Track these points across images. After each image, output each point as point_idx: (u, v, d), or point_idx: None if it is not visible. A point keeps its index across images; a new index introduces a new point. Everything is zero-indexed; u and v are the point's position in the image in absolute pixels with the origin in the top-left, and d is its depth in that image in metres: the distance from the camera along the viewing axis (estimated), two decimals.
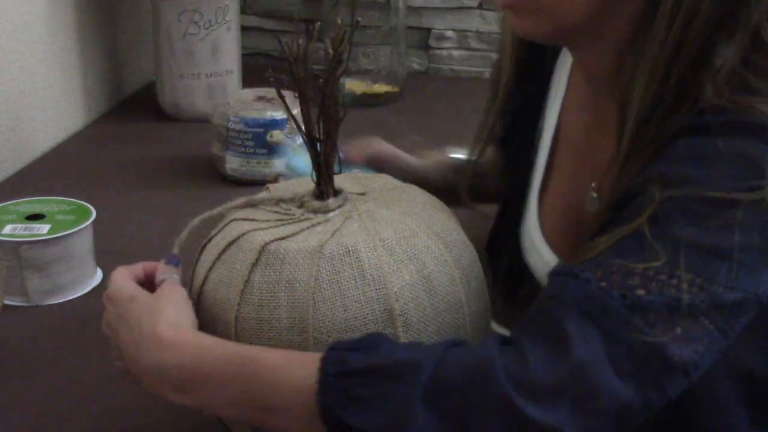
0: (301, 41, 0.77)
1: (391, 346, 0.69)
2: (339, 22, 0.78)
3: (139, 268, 0.84)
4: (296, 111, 0.83)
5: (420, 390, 0.63)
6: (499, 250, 0.94)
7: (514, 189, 0.93)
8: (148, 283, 0.83)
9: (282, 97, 0.82)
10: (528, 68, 0.90)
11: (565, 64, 0.90)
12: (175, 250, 0.84)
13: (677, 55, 0.70)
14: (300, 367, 0.68)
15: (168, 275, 0.81)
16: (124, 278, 0.81)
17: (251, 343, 0.76)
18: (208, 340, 0.74)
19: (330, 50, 0.78)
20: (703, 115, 0.69)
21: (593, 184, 0.84)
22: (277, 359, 0.70)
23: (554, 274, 0.69)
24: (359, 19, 0.78)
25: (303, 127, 0.80)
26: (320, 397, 0.65)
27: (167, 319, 0.75)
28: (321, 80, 0.78)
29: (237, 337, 0.77)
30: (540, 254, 0.88)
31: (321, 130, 0.80)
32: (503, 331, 0.96)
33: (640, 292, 0.64)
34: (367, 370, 0.66)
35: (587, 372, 0.62)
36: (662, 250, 0.65)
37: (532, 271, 0.89)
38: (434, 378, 0.64)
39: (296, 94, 0.80)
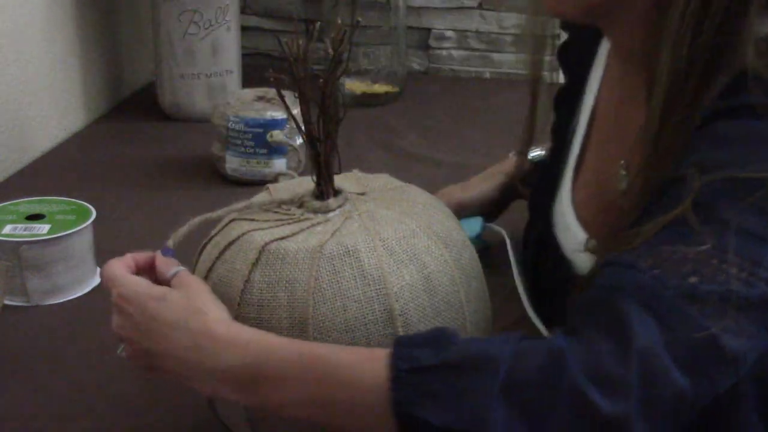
0: (301, 41, 0.77)
1: (458, 341, 0.67)
2: (339, 22, 0.78)
3: (130, 259, 0.81)
4: (296, 111, 0.83)
5: (497, 385, 0.62)
6: (532, 224, 0.96)
7: (552, 165, 0.95)
8: (144, 275, 0.80)
9: (282, 97, 0.82)
10: (572, 51, 0.94)
11: (606, 44, 0.91)
12: (171, 243, 0.83)
13: (703, 20, 0.69)
14: (370, 365, 0.66)
15: (177, 267, 0.79)
16: (130, 275, 0.79)
17: None
18: (271, 338, 0.72)
19: (330, 50, 0.78)
20: (740, 95, 0.68)
21: (622, 162, 0.84)
22: (345, 357, 0.69)
23: (608, 263, 0.69)
24: (359, 19, 0.78)
25: (303, 127, 0.80)
26: (394, 393, 0.64)
27: (216, 316, 0.73)
28: (321, 80, 0.78)
29: None
30: (570, 230, 0.89)
31: (321, 130, 0.80)
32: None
33: (693, 279, 0.64)
34: (440, 366, 0.64)
35: (650, 362, 0.62)
36: (709, 236, 0.65)
37: (560, 246, 0.90)
38: (510, 372, 0.63)
39: (296, 94, 0.80)
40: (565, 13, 0.81)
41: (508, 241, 1.09)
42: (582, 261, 0.85)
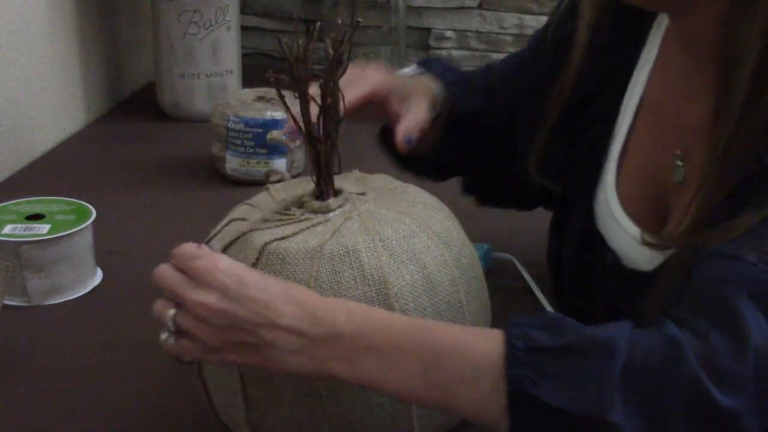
0: (301, 41, 0.77)
1: (573, 325, 0.66)
2: (339, 22, 0.78)
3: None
4: (296, 111, 0.83)
5: (618, 371, 0.62)
6: (570, 217, 0.94)
7: (591, 155, 0.92)
8: None
9: (282, 98, 0.82)
10: (617, 37, 0.90)
11: (658, 31, 0.89)
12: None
13: None
14: (484, 341, 0.65)
15: None
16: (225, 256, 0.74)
17: None
18: (376, 310, 0.70)
19: (330, 50, 0.78)
20: None
21: (678, 152, 0.83)
22: (457, 332, 0.67)
23: (713, 255, 0.69)
24: (360, 19, 0.78)
25: (303, 128, 0.80)
26: (509, 370, 0.63)
27: (309, 290, 0.71)
28: (321, 80, 0.78)
29: None
30: (618, 223, 0.87)
31: (321, 131, 0.80)
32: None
33: None
34: (558, 348, 0.63)
35: (765, 359, 0.62)
36: None
37: (605, 239, 0.89)
38: (629, 359, 0.62)
39: (296, 95, 0.80)
40: (641, 1, 0.80)
41: (518, 265, 1.10)
42: (636, 254, 0.84)
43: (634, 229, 0.86)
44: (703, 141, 0.78)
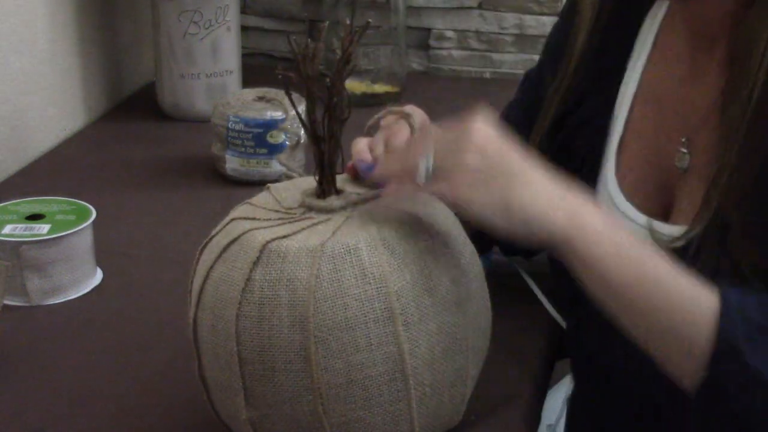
0: (309, 41, 0.78)
1: None
2: (348, 22, 0.78)
3: None
4: (294, 110, 0.83)
5: None
6: None
7: (588, 148, 0.92)
8: None
9: (289, 95, 0.82)
10: (610, 33, 0.90)
11: (653, 23, 0.89)
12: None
13: None
14: (704, 287, 0.67)
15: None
16: None
17: (252, 342, 0.76)
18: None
19: (338, 50, 0.78)
20: None
21: (683, 139, 0.83)
22: (678, 272, 0.69)
23: None
24: (370, 20, 0.78)
25: (308, 126, 0.81)
26: (723, 322, 0.65)
27: None
28: (328, 79, 0.78)
29: (238, 335, 0.77)
30: (622, 212, 0.87)
31: (325, 129, 0.80)
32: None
33: None
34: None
35: None
36: None
37: None
38: None
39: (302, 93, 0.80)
40: None
41: (519, 265, 1.09)
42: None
43: (640, 218, 0.86)
44: (709, 125, 0.78)
